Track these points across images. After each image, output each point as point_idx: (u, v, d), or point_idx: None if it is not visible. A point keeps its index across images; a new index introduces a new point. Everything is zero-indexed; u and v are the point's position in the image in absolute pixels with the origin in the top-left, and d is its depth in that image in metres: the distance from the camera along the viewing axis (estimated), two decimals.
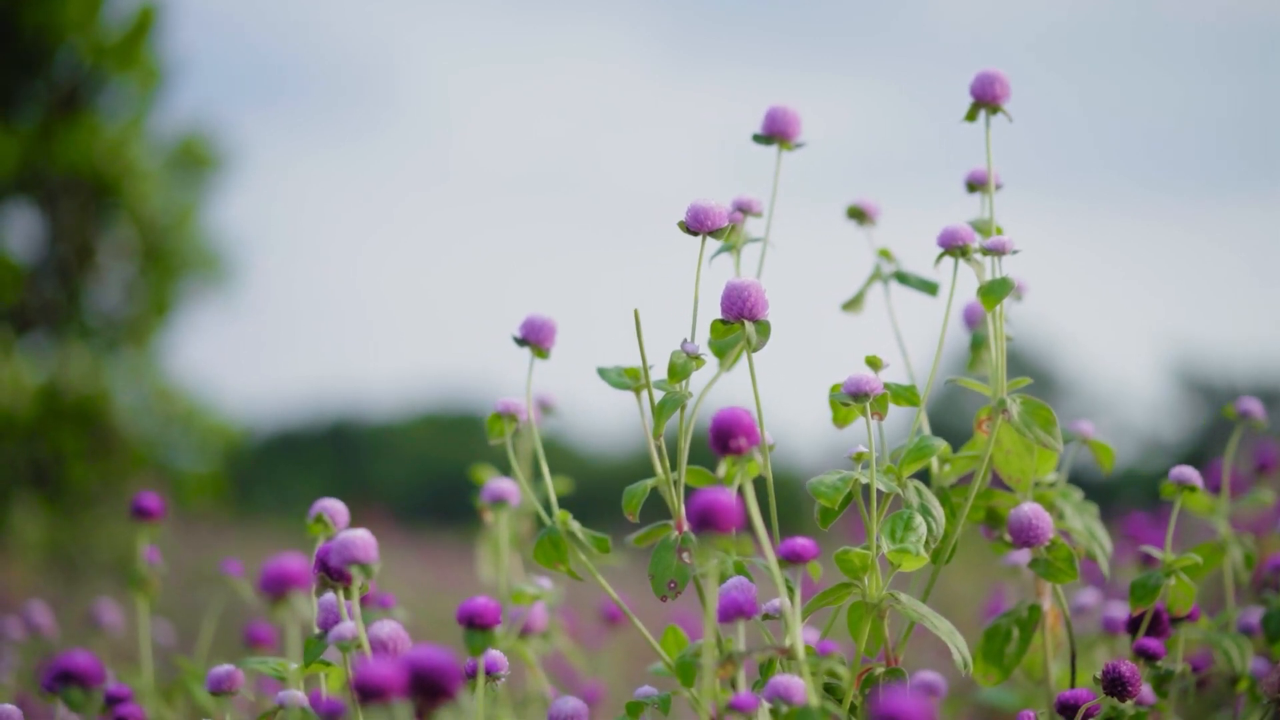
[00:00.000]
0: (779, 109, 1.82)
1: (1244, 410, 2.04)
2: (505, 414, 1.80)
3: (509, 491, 1.95)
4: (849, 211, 1.97)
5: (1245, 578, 2.05)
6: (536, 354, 1.79)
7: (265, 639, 2.35)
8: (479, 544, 2.27)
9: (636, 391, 1.75)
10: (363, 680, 1.26)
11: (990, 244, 1.71)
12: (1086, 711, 1.69)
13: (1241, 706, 2.02)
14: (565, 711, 1.63)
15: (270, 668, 1.76)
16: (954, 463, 1.82)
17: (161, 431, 9.36)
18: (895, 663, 1.71)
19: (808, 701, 1.42)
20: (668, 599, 1.70)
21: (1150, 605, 1.81)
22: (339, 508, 1.79)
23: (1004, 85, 1.79)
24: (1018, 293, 1.92)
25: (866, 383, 1.63)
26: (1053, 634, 1.92)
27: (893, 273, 1.97)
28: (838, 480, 1.64)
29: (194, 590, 5.36)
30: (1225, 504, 2.04)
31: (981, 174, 1.87)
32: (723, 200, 1.70)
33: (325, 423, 18.99)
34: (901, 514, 1.66)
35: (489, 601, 1.53)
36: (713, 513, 1.33)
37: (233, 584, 2.21)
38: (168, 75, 9.09)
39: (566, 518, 1.77)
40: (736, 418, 1.44)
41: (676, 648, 1.81)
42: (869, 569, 1.63)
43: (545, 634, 2.12)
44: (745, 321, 1.63)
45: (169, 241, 9.02)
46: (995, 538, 1.87)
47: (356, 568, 1.51)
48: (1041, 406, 1.73)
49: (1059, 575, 1.74)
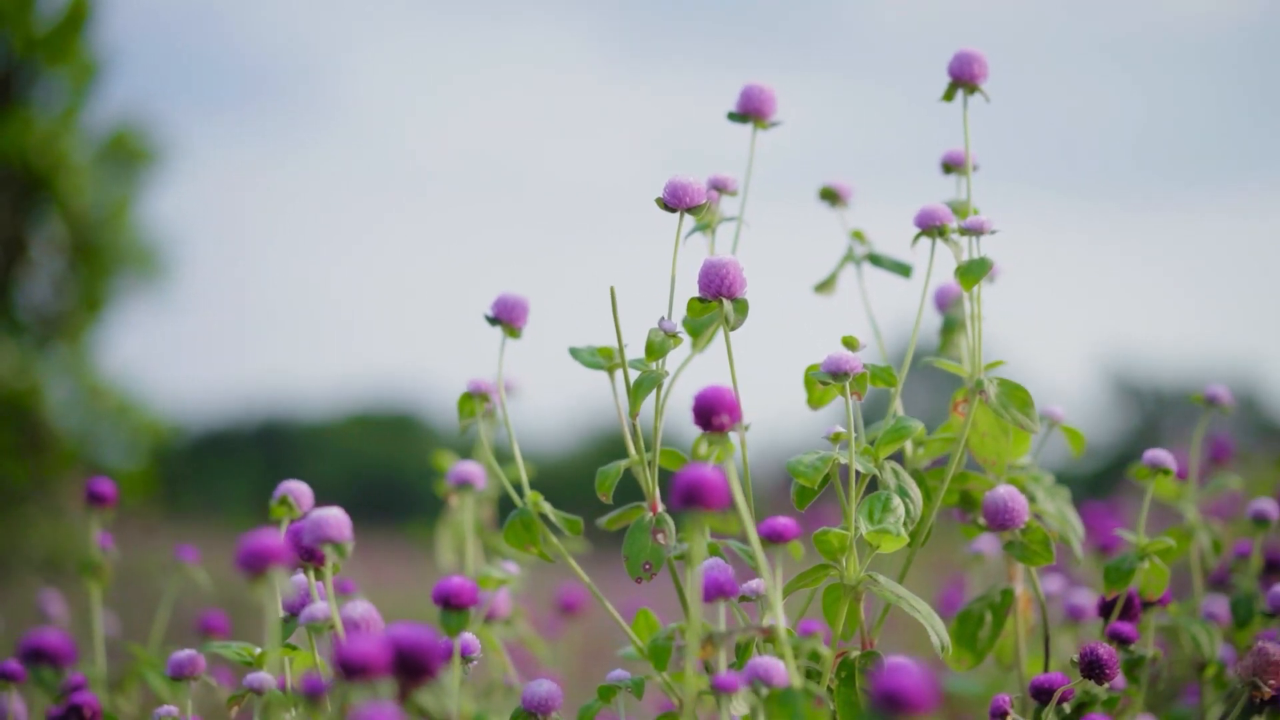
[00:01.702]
0: (755, 87, 1.80)
1: (1211, 396, 2.04)
2: (476, 394, 1.77)
3: (475, 474, 1.93)
4: (821, 193, 1.96)
5: (1213, 563, 2.05)
6: (509, 333, 1.76)
7: (219, 627, 2.31)
8: (439, 530, 2.24)
9: (610, 371, 1.73)
10: (347, 656, 1.23)
11: (969, 224, 1.70)
12: (1061, 696, 1.68)
13: (1201, 693, 2.02)
14: (540, 695, 1.61)
15: (234, 652, 1.72)
16: (928, 445, 1.80)
17: (92, 428, 9.26)
18: (870, 645, 1.69)
19: (790, 683, 1.40)
20: (642, 580, 1.67)
21: (1124, 589, 1.80)
22: (304, 490, 1.76)
23: (982, 65, 1.77)
24: (991, 275, 1.91)
25: (846, 362, 1.61)
26: (1024, 619, 1.91)
27: (865, 254, 1.95)
28: (816, 460, 1.62)
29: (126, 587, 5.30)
30: (1193, 489, 2.04)
31: (958, 155, 1.85)
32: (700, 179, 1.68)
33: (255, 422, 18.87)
34: (879, 495, 1.64)
35: (465, 581, 1.50)
36: (700, 489, 1.30)
37: (188, 572, 2.18)
38: (101, 68, 8.99)
39: (538, 499, 1.74)
40: (720, 395, 1.42)
41: (648, 631, 1.79)
42: (847, 550, 1.61)
43: (508, 620, 2.10)
44: (723, 300, 1.61)
45: (102, 236, 8.91)
46: (969, 521, 1.86)
47: (330, 547, 1.48)
48: (1019, 388, 1.72)
49: (1034, 558, 1.73)
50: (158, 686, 2.06)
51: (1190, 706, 2.20)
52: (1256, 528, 2.01)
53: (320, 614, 1.51)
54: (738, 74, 9.95)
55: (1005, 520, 1.71)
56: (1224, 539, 2.06)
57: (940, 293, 2.01)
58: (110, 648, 2.21)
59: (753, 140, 1.81)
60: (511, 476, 1.78)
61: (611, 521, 1.76)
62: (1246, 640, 1.96)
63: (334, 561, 1.50)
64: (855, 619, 1.67)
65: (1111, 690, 1.78)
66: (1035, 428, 1.71)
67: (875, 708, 1.13)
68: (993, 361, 1.73)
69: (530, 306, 1.77)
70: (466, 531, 1.98)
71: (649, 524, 1.69)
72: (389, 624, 1.44)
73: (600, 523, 1.76)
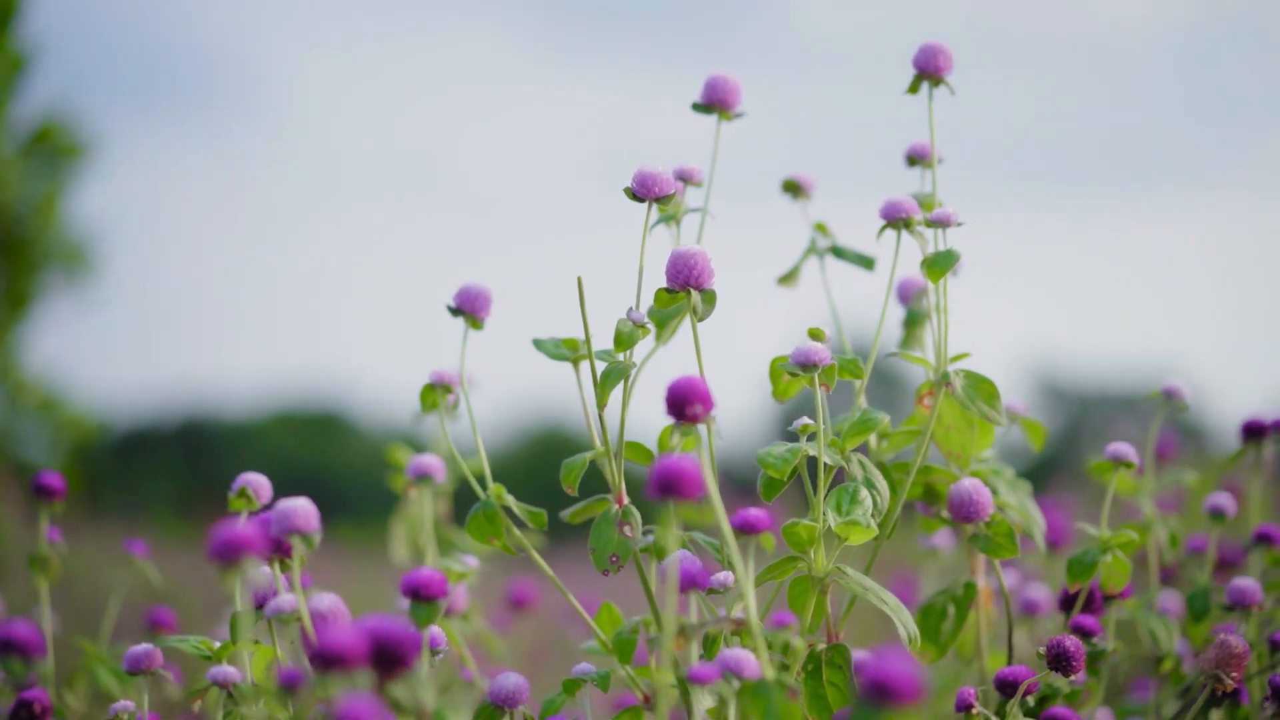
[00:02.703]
0: (719, 77, 1.79)
1: (1169, 390, 2.04)
2: (439, 384, 1.75)
3: (434, 467, 1.91)
4: (784, 185, 1.95)
5: (1170, 557, 2.05)
6: (471, 324, 1.74)
7: (167, 623, 2.28)
8: (393, 524, 2.22)
9: (575, 363, 1.72)
10: (324, 647, 1.21)
11: (935, 216, 1.69)
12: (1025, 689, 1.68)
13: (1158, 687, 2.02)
14: (507, 688, 1.59)
15: (192, 645, 1.70)
16: (892, 438, 1.80)
17: (14, 425, 9.15)
18: (837, 638, 1.69)
19: (763, 675, 1.39)
20: (609, 573, 1.66)
21: (1087, 582, 1.81)
22: (262, 481, 1.74)
23: (947, 57, 1.77)
24: (956, 268, 1.91)
25: (815, 353, 1.60)
26: (985, 612, 1.91)
27: (828, 247, 1.95)
28: (785, 451, 1.61)
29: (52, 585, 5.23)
30: (1151, 483, 2.04)
31: (922, 148, 1.85)
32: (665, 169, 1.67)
33: (179, 420, 18.69)
34: (846, 487, 1.64)
35: (435, 572, 1.49)
36: (677, 479, 1.30)
37: (139, 565, 2.15)
38: (27, 62, 8.87)
39: (501, 491, 1.73)
40: (693, 384, 1.41)
41: (611, 625, 1.78)
42: (815, 542, 1.61)
43: (465, 614, 2.08)
44: (691, 290, 1.60)
45: (28, 231, 8.80)
46: (932, 514, 1.86)
47: (298, 538, 1.46)
48: (985, 380, 1.72)
49: (1000, 550, 1.73)
50: (107, 682, 2.03)
51: (1141, 701, 2.21)
52: (1213, 522, 2.02)
53: (287, 606, 1.49)
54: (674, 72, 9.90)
55: (970, 513, 1.71)
56: (1180, 533, 2.06)
57: (902, 286, 2.01)
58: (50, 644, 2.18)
59: (717, 131, 1.80)
60: (474, 469, 1.77)
61: (575, 514, 1.75)
62: (1202, 634, 1.97)
63: (301, 553, 1.48)
64: (822, 611, 1.66)
65: (1072, 684, 1.78)
66: (1001, 420, 1.71)
67: (863, 697, 1.12)
68: (958, 354, 1.73)
69: (493, 297, 1.75)
70: (425, 524, 1.96)
71: (615, 516, 1.68)
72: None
73: (564, 515, 1.75)
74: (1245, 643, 1.70)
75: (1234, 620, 1.92)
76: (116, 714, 1.70)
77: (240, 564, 1.28)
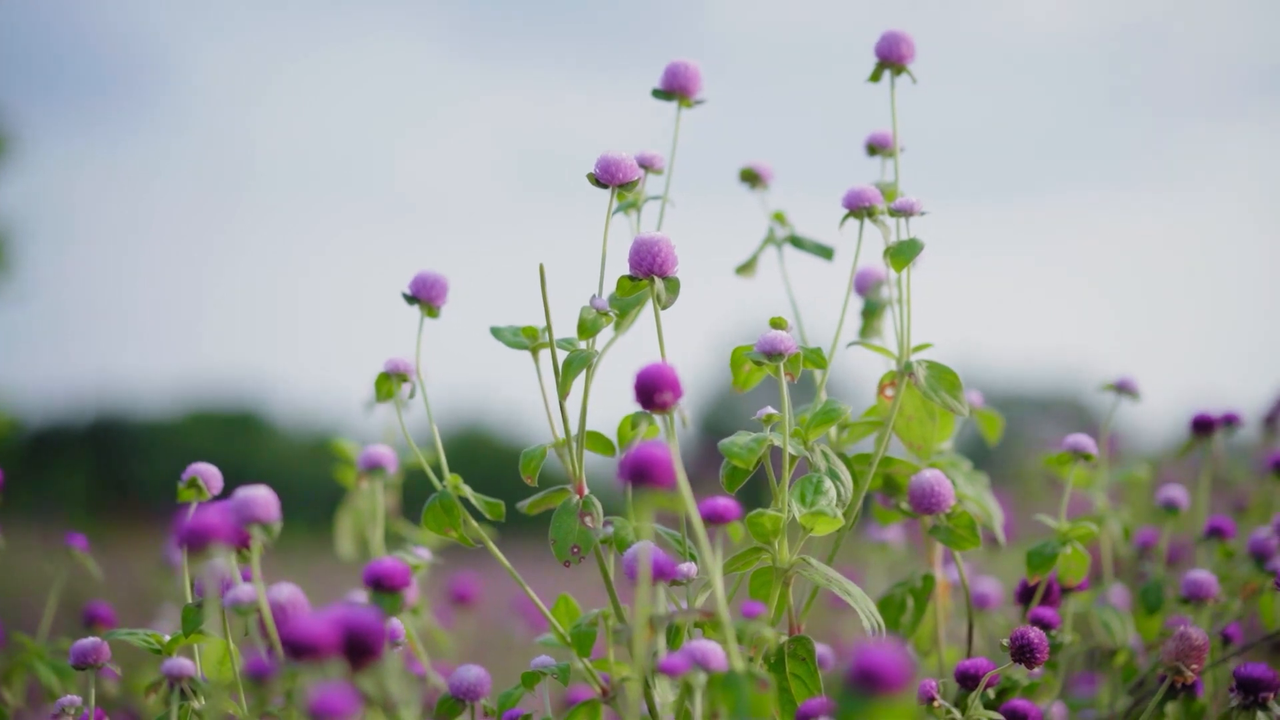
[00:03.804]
0: (680, 64, 1.77)
1: (1121, 383, 2.04)
2: (394, 374, 1.72)
3: (386, 457, 1.88)
4: (742, 174, 1.93)
5: (1124, 550, 2.05)
6: (427, 312, 1.71)
7: (105, 617, 2.24)
8: (339, 517, 2.19)
9: (534, 351, 1.69)
10: (295, 636, 1.18)
11: (899, 205, 1.68)
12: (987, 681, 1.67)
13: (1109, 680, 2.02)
14: (468, 681, 1.57)
15: (141, 639, 1.67)
16: (852, 429, 1.79)
17: None
18: (799, 630, 1.67)
19: (732, 666, 1.37)
20: (570, 564, 1.64)
21: (1046, 574, 1.80)
22: (213, 472, 1.71)
23: (909, 45, 1.76)
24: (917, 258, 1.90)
25: (781, 342, 1.59)
26: (942, 605, 1.90)
27: (786, 237, 1.93)
28: (750, 441, 1.59)
29: None
30: (1104, 477, 2.04)
31: (883, 136, 1.84)
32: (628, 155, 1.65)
33: (91, 418, 18.47)
34: (810, 478, 1.62)
35: (397, 563, 1.46)
36: (651, 467, 1.28)
37: (80, 559, 2.10)
38: None
39: (458, 481, 1.70)
40: (661, 372, 1.39)
41: (568, 618, 1.75)
42: (780, 533, 1.59)
43: (415, 609, 2.05)
44: (655, 278, 1.58)
45: None
46: (891, 505, 1.85)
47: (257, 528, 1.43)
48: (948, 371, 1.71)
49: (961, 542, 1.72)
50: (47, 678, 1.99)
51: (1085, 696, 2.21)
52: (1167, 515, 2.02)
53: (246, 597, 1.45)
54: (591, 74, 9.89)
55: (931, 504, 1.70)
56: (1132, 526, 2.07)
57: (860, 277, 1.99)
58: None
59: (677, 118, 1.78)
60: (429, 460, 1.74)
61: (532, 505, 1.72)
62: (1156, 627, 1.97)
63: (261, 543, 1.45)
64: (784, 603, 1.64)
65: (1030, 676, 1.78)
66: (965, 411, 1.70)
67: (851, 686, 1.10)
68: (920, 344, 1.72)
69: (449, 285, 1.72)
70: (379, 516, 1.93)
71: (576, 507, 1.65)
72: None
73: (521, 506, 1.73)
74: (1205, 635, 1.70)
75: (1185, 614, 1.93)
76: (63, 709, 1.66)
77: (208, 551, 1.25)
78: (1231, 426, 2.15)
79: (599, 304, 1.61)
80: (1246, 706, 1.59)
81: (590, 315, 1.60)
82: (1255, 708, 1.58)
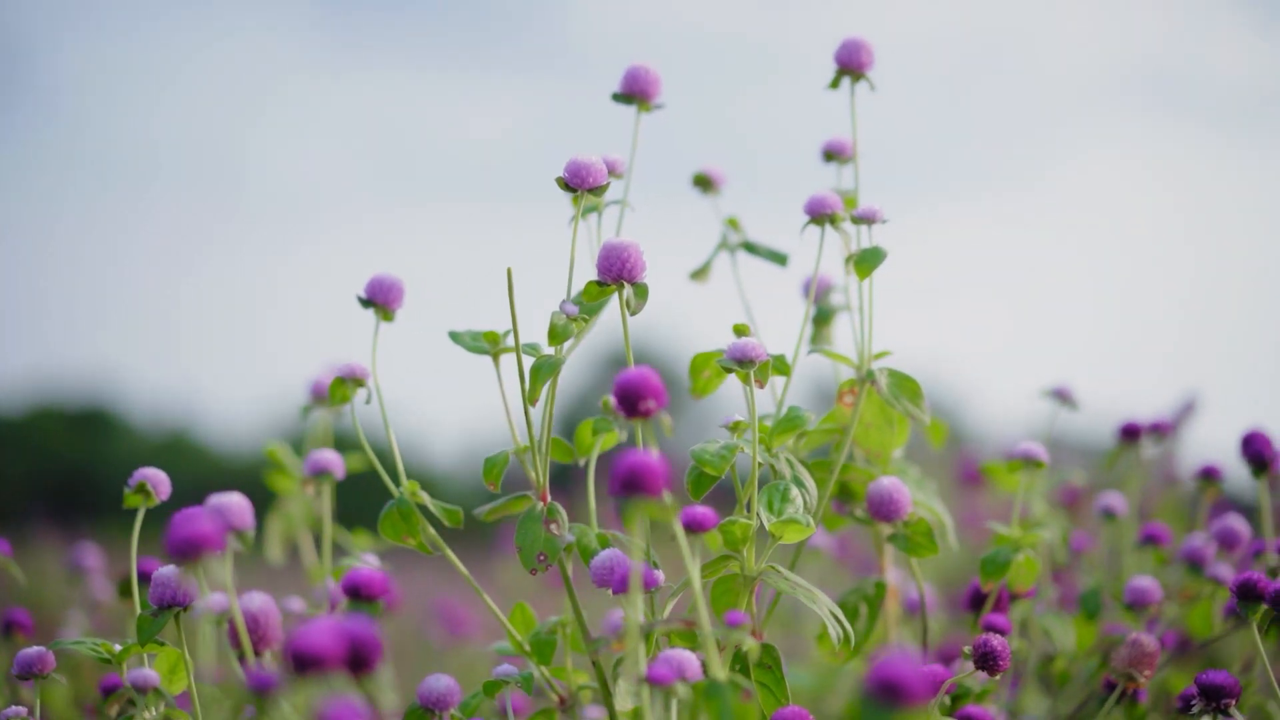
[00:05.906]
0: (640, 68, 1.76)
1: (1058, 391, 2.06)
2: (349, 378, 1.69)
3: (333, 463, 1.84)
4: (695, 179, 1.92)
5: (1063, 556, 2.07)
6: (383, 316, 1.68)
7: (23, 624, 2.18)
8: (269, 522, 2.15)
9: (495, 356, 1.68)
10: (301, 648, 1.15)
11: (861, 212, 1.68)
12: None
13: (1019, 685, 2.04)
14: (437, 691, 1.54)
15: (89, 648, 1.62)
16: (809, 436, 1.78)
17: None
18: (761, 637, 1.66)
19: (715, 676, 1.36)
20: (537, 572, 1.62)
21: (999, 581, 1.81)
22: (161, 477, 1.67)
23: (869, 53, 1.76)
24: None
25: (752, 349, 1.58)
26: (891, 610, 1.91)
27: (740, 243, 1.93)
28: (721, 449, 1.58)
29: None
30: (1044, 482, 2.06)
31: (841, 143, 1.84)
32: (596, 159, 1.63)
33: None
34: (776, 485, 1.61)
35: (374, 572, 1.43)
36: (642, 475, 1.26)
37: (3, 563, 2.04)
38: None
39: (415, 488, 1.67)
40: (644, 378, 1.37)
41: (525, 626, 1.73)
42: (749, 541, 1.58)
43: None
44: (624, 283, 1.56)
45: None
46: (846, 512, 1.85)
47: (232, 535, 1.39)
48: (908, 378, 1.71)
49: (919, 550, 1.72)
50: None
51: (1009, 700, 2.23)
52: (1106, 521, 2.04)
53: (217, 606, 1.42)
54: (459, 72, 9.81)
55: (889, 512, 1.70)
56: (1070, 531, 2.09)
57: (808, 283, 1.99)
58: None
59: (636, 122, 1.76)
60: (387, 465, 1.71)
61: (490, 513, 1.70)
62: (1094, 633, 1.99)
63: (235, 550, 1.41)
64: (750, 610, 1.63)
65: (981, 682, 1.79)
66: (927, 419, 1.70)
67: (872, 698, 1.10)
68: (880, 351, 1.72)
69: (405, 289, 1.70)
70: (326, 521, 1.89)
71: (540, 514, 1.63)
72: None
73: (479, 513, 1.70)
74: (1157, 642, 1.72)
75: (1124, 620, 1.95)
76: (9, 719, 1.61)
77: (201, 560, 1.22)
78: (1159, 434, 2.18)
79: (569, 309, 1.59)
80: (1208, 712, 1.60)
81: (561, 321, 1.58)
82: (1217, 713, 1.59)
